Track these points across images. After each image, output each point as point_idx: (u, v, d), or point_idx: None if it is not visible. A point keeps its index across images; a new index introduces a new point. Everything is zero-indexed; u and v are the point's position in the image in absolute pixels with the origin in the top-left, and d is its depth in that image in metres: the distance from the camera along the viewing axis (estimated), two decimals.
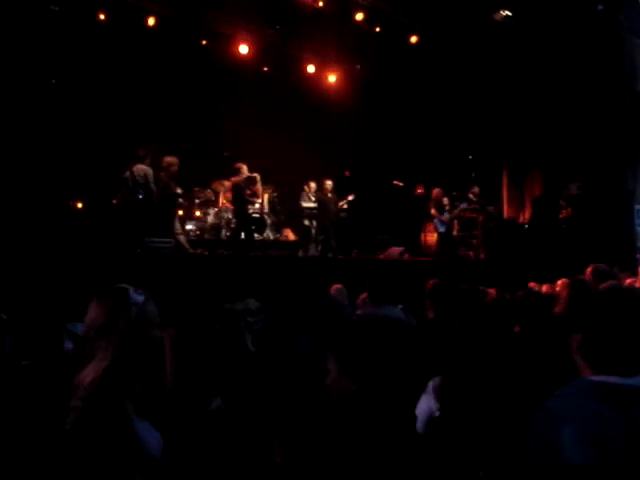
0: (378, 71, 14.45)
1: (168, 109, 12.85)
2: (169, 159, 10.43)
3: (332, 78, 14.28)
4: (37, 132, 10.53)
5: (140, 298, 2.48)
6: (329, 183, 12.51)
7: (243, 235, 11.11)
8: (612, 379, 2.11)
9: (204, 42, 12.89)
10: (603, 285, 4.89)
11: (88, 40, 11.51)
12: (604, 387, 2.10)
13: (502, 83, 13.20)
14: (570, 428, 2.04)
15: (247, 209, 11.30)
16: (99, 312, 2.45)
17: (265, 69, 13.96)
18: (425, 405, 3.03)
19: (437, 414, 2.95)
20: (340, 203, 12.90)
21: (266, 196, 12.61)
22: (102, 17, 11.65)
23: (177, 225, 10.67)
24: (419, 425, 3.02)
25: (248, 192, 11.15)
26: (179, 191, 10.78)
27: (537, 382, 2.82)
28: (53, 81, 11.15)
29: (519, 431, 2.19)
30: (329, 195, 12.50)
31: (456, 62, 13.30)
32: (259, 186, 11.51)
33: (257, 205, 11.62)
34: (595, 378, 2.14)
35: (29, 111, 10.52)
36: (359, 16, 12.44)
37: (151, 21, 11.96)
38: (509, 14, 12.06)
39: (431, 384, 3.04)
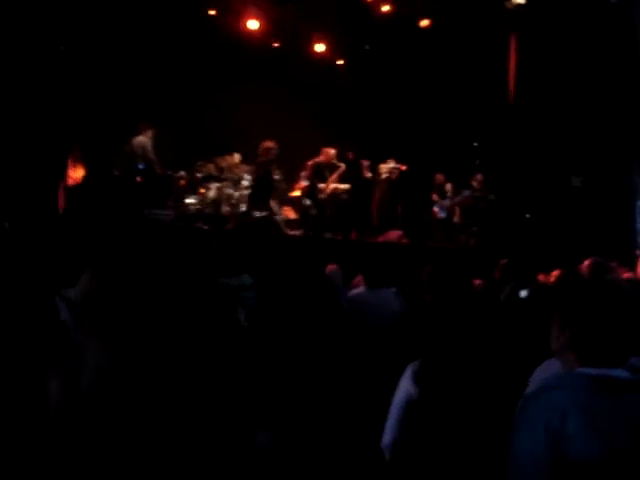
0: (386, 53, 14.38)
1: (173, 82, 12.83)
2: (268, 143, 10.74)
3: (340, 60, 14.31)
4: (38, 99, 10.47)
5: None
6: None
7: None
8: (603, 371, 2.11)
9: (213, 12, 12.81)
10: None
11: (97, 9, 11.45)
12: (599, 379, 2.09)
13: (510, 72, 13.12)
14: (576, 421, 2.02)
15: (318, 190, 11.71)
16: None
17: (274, 45, 13.90)
18: (404, 389, 3.03)
19: (415, 398, 2.94)
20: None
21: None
22: None
23: (274, 206, 10.83)
24: (395, 409, 3.03)
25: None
26: (277, 177, 10.87)
27: (518, 370, 2.83)
28: (61, 48, 11.06)
29: (503, 419, 2.19)
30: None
31: (465, 48, 13.23)
32: (335, 176, 11.91)
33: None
34: (590, 371, 2.13)
35: (35, 76, 10.46)
36: None
37: None
38: (521, 2, 11.95)
39: (410, 368, 3.04)
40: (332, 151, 12.11)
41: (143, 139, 10.56)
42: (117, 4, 11.79)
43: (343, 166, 12.08)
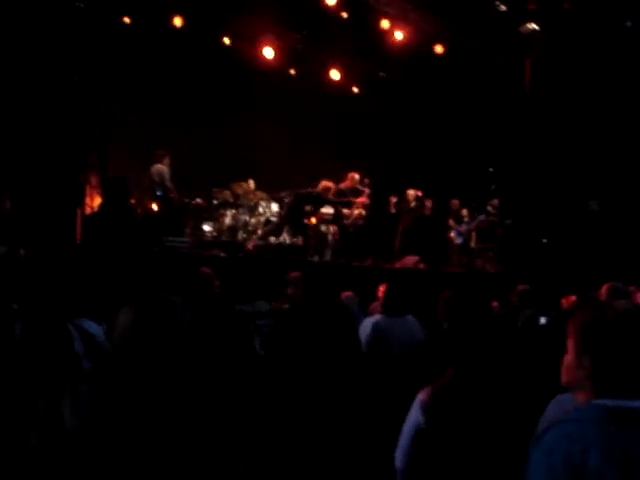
0: (402, 80, 14.44)
1: (189, 109, 12.94)
2: (325, 183, 11.41)
3: (355, 88, 14.42)
4: (57, 128, 10.56)
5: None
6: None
7: None
8: (623, 402, 2.06)
9: (228, 42, 12.92)
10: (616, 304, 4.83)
11: (112, 38, 11.60)
12: (619, 411, 2.05)
13: (525, 96, 13.13)
14: (598, 456, 1.98)
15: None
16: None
17: (290, 73, 13.99)
18: (413, 417, 3.00)
19: (423, 427, 2.91)
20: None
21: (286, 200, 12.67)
22: (127, 20, 11.77)
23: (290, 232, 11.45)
24: (404, 437, 3.00)
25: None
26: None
27: (535, 399, 2.78)
28: (77, 77, 11.18)
29: (513, 450, 2.15)
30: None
31: (480, 73, 13.26)
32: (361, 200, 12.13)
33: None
34: (607, 402, 2.09)
35: (53, 105, 10.57)
36: (385, 24, 12.39)
37: (177, 21, 11.99)
38: (536, 28, 11.99)
39: (419, 397, 3.01)
40: (357, 176, 12.19)
41: (161, 167, 10.64)
42: (135, 34, 11.93)
43: (367, 190, 12.13)
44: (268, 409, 2.90)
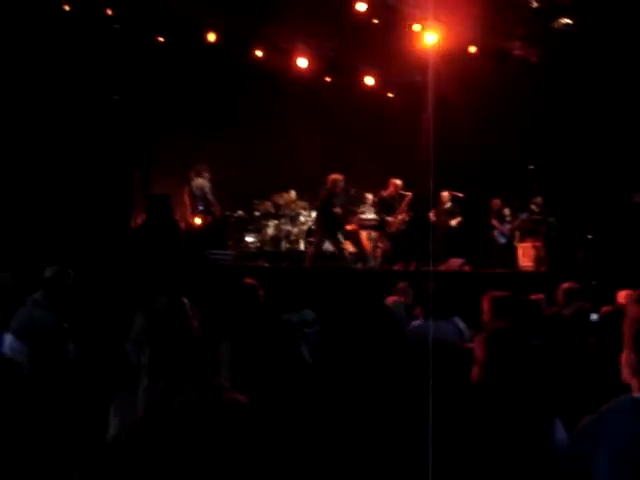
0: (438, 82, 14.39)
1: (228, 122, 13.05)
2: (335, 176, 10.82)
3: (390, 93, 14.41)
4: (101, 146, 10.76)
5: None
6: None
7: None
8: None
9: (261, 55, 13.02)
10: None
11: (148, 55, 11.80)
12: None
13: (563, 91, 13.00)
14: (604, 448, 1.99)
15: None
16: None
17: (324, 81, 14.05)
18: None
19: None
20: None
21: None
22: (161, 39, 11.97)
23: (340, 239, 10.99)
24: None
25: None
26: (338, 210, 10.92)
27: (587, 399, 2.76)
28: (116, 97, 11.38)
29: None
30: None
31: (517, 71, 13.18)
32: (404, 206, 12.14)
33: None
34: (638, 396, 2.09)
35: (89, 123, 10.76)
36: (416, 27, 12.37)
37: (211, 37, 12.14)
38: (569, 22, 11.88)
39: None
40: (399, 182, 12.13)
41: (202, 181, 10.75)
42: (169, 52, 12.11)
43: (410, 195, 12.09)
44: (317, 417, 2.92)
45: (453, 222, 13.08)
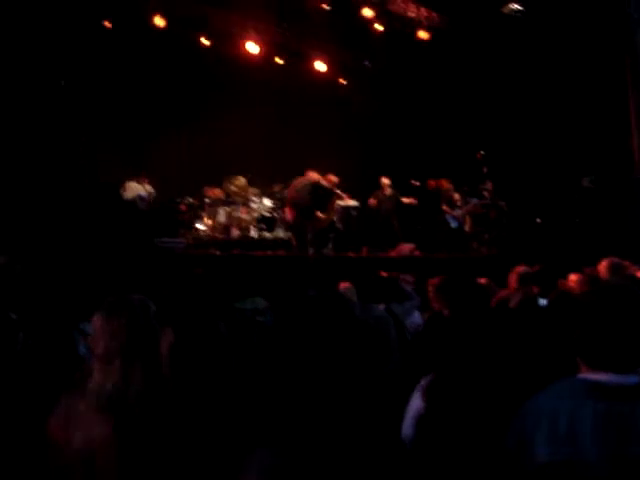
0: (387, 67, 14.43)
1: (175, 109, 12.91)
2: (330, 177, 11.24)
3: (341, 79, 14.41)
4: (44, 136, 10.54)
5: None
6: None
7: None
8: (598, 376, 2.09)
9: (209, 42, 12.86)
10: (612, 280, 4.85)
11: (94, 41, 11.56)
12: (585, 384, 2.09)
13: (511, 77, 13.12)
14: (543, 427, 2.02)
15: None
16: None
17: (275, 67, 13.95)
18: (414, 404, 3.01)
19: (422, 413, 2.93)
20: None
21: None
22: (107, 24, 11.72)
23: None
24: (406, 425, 3.01)
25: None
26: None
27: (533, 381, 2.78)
28: (62, 82, 11.13)
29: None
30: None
31: (465, 57, 13.25)
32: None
33: None
34: (580, 376, 2.13)
35: (40, 113, 10.53)
36: (367, 12, 12.34)
37: (158, 21, 11.90)
38: (518, 8, 11.99)
39: (422, 382, 3.03)
40: (335, 179, 11.91)
41: (136, 185, 10.84)
42: (116, 37, 11.88)
43: (339, 193, 11.99)
44: (273, 403, 2.90)
45: (406, 200, 13.15)
